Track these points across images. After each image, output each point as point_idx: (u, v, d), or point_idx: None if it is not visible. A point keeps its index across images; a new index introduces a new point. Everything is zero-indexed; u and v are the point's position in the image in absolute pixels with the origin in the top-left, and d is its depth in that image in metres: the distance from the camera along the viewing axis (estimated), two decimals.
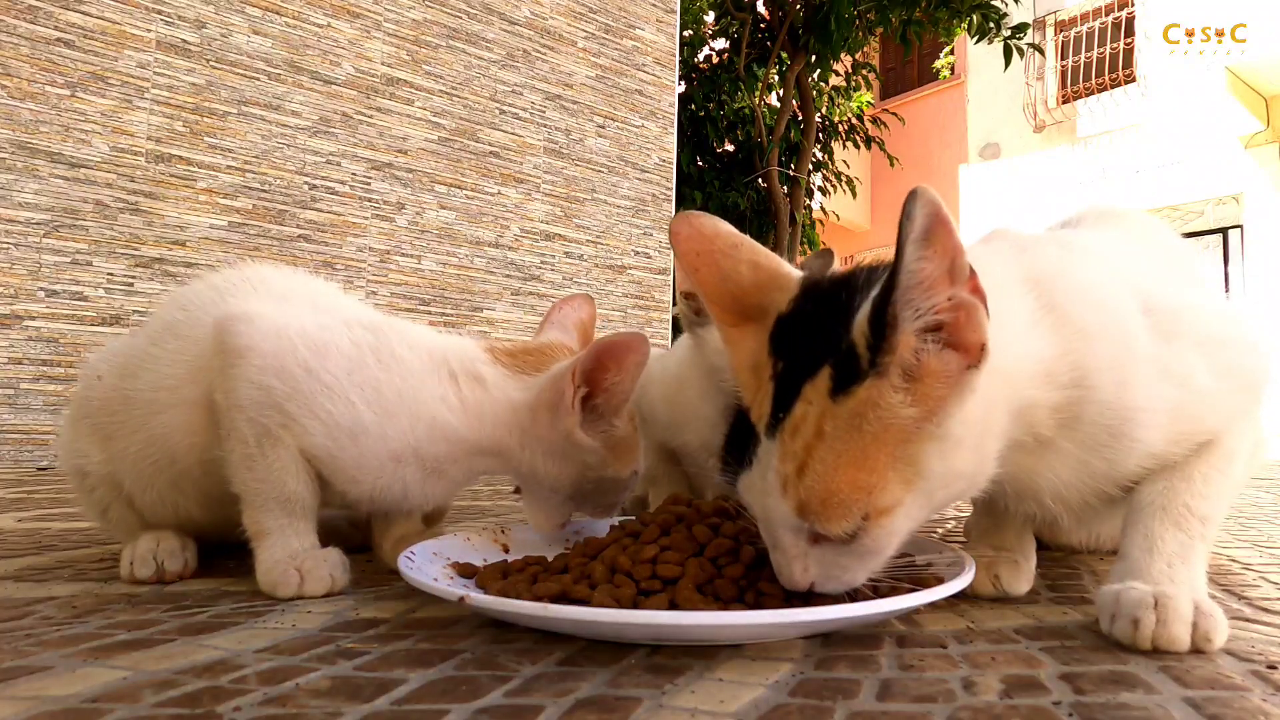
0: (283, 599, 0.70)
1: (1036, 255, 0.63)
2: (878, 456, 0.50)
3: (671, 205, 3.68)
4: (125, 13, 2.40)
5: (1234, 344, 0.64)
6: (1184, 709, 0.44)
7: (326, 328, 0.74)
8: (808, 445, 0.51)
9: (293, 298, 0.81)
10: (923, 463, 0.51)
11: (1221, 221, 6.54)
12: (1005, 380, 0.54)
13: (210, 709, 0.44)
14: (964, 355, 0.49)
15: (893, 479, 0.51)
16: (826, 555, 0.55)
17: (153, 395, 0.78)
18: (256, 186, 2.60)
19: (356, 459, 0.73)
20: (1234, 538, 1.05)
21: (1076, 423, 0.59)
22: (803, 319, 0.55)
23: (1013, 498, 0.64)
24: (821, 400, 0.51)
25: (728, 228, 0.61)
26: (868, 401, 0.50)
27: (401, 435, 0.73)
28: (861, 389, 0.50)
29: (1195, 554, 0.59)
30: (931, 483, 0.52)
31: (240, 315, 0.73)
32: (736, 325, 0.58)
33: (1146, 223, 0.85)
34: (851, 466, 0.50)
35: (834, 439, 0.50)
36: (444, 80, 3.02)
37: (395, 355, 0.75)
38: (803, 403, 0.52)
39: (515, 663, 0.52)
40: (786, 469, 0.52)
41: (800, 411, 0.51)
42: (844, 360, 0.50)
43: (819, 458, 0.51)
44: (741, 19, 5.50)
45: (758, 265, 0.59)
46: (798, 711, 0.44)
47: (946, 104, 8.68)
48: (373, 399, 0.72)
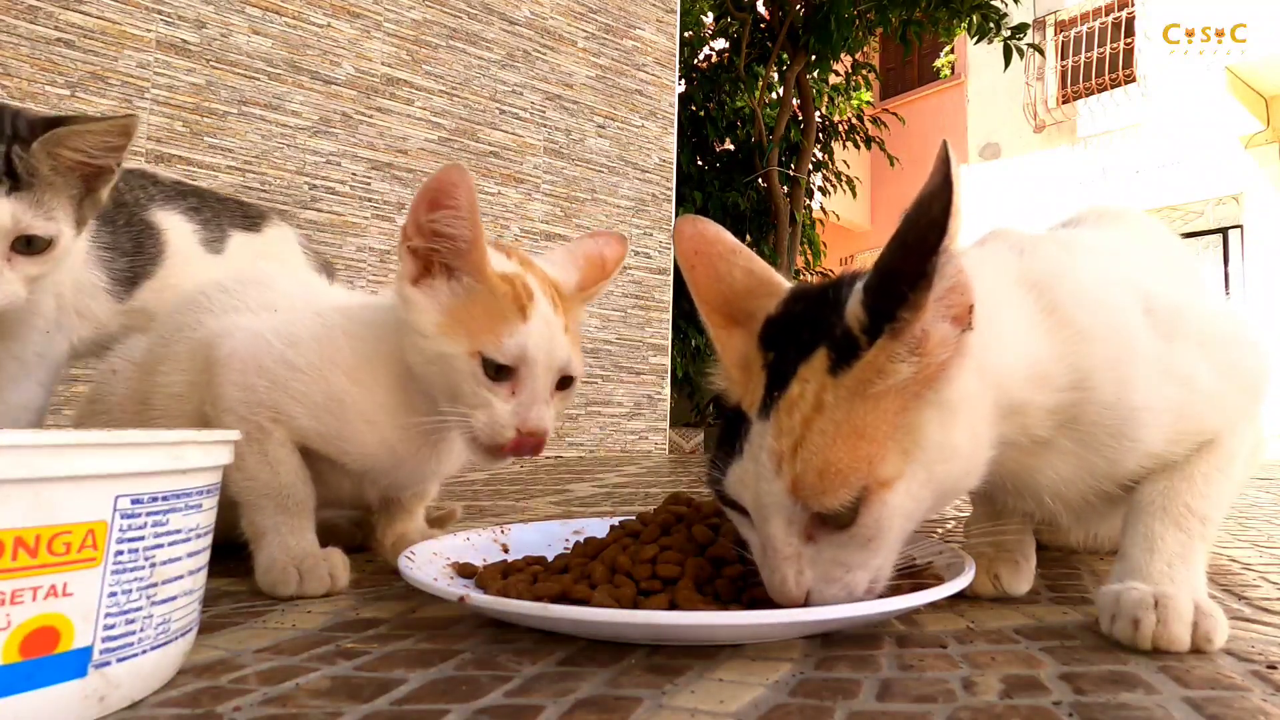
0: (282, 598, 0.70)
1: (1036, 256, 0.63)
2: (878, 425, 0.50)
3: (671, 205, 3.68)
4: (125, 13, 2.40)
5: (1235, 343, 0.64)
6: (1184, 709, 0.44)
7: (297, 320, 0.77)
8: (805, 419, 0.50)
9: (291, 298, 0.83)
10: (922, 431, 0.50)
11: (1221, 221, 6.54)
12: (994, 382, 0.54)
13: (210, 709, 0.44)
14: (957, 323, 0.51)
15: (892, 449, 0.50)
16: (824, 552, 0.52)
17: (166, 401, 0.80)
18: (256, 186, 2.60)
19: (339, 430, 0.74)
20: (1234, 538, 1.05)
21: (1076, 423, 0.59)
22: (793, 317, 0.56)
23: (1012, 494, 0.64)
24: (819, 377, 0.51)
25: (730, 236, 0.63)
26: (872, 366, 0.49)
27: (370, 398, 0.74)
28: (868, 354, 0.49)
29: (1195, 554, 0.59)
30: (930, 454, 0.51)
31: (221, 331, 0.77)
32: (725, 328, 0.59)
33: (1146, 222, 0.85)
34: (851, 435, 0.49)
35: (834, 409, 0.50)
36: (444, 80, 3.02)
37: (363, 323, 0.77)
38: (799, 381, 0.51)
39: (515, 663, 0.52)
40: (782, 445, 0.51)
41: (797, 389, 0.51)
42: (841, 342, 0.51)
43: (817, 429, 0.50)
44: (741, 19, 5.49)
45: (751, 272, 0.61)
46: (798, 711, 0.44)
47: (946, 104, 8.67)
48: (344, 372, 0.74)
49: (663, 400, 3.56)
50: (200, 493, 0.48)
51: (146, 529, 0.43)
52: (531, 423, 0.68)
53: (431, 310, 0.69)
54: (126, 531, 0.42)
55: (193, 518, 0.47)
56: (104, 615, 0.41)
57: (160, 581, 0.44)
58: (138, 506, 0.42)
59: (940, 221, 0.46)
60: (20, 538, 0.37)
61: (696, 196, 5.12)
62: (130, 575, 0.42)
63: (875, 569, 0.54)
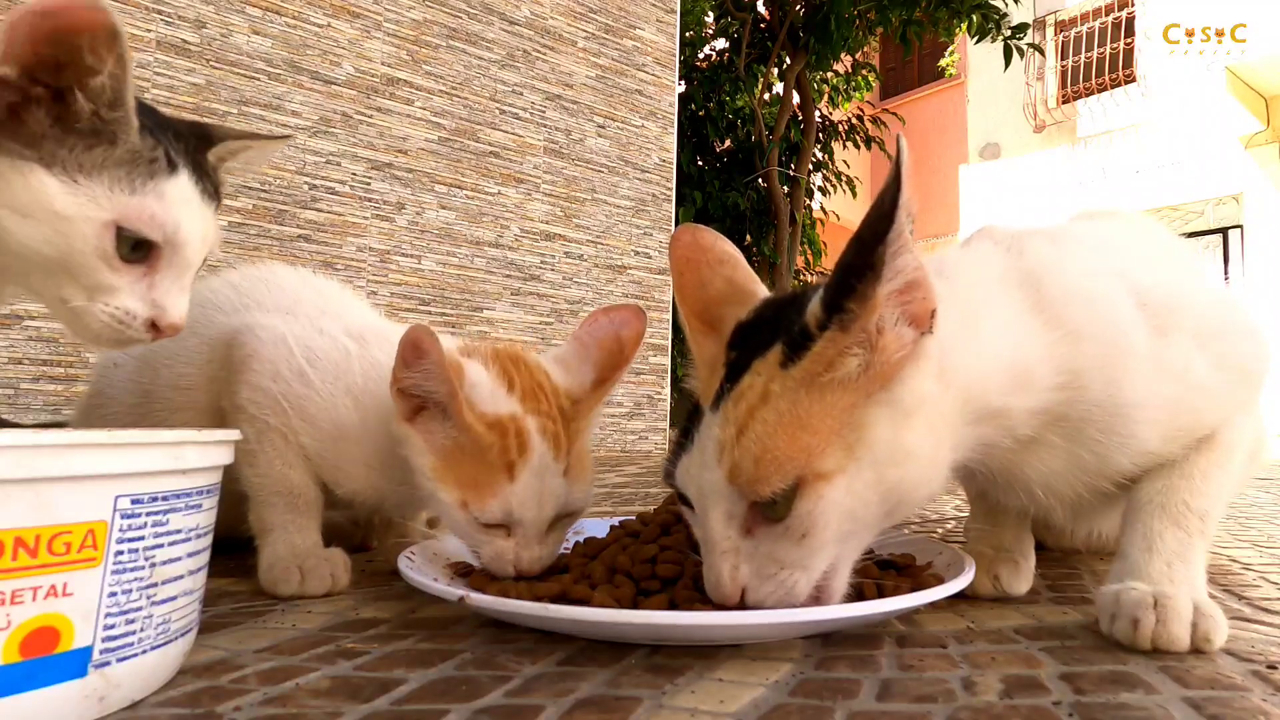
0: (283, 597, 0.70)
1: (1024, 253, 0.62)
2: (823, 418, 0.49)
3: (671, 205, 3.68)
4: (125, 13, 2.40)
5: (1232, 334, 0.64)
6: (1184, 709, 0.44)
7: (322, 333, 0.77)
8: (751, 408, 0.50)
9: (302, 300, 0.83)
10: (870, 429, 0.50)
11: (1221, 221, 6.54)
12: (962, 388, 0.53)
13: (210, 709, 0.44)
14: (916, 326, 0.50)
15: (836, 443, 0.49)
16: (761, 547, 0.52)
17: (170, 394, 0.80)
18: (256, 186, 2.60)
19: (336, 461, 0.75)
20: (1234, 538, 1.05)
21: (1065, 420, 0.59)
22: (761, 320, 0.57)
23: (1003, 489, 0.64)
24: (770, 370, 0.51)
25: (725, 246, 0.64)
26: (820, 358, 0.49)
27: (374, 441, 0.73)
28: (816, 345, 0.49)
29: (1194, 552, 0.59)
30: (877, 454, 0.50)
31: (245, 328, 0.77)
32: (703, 332, 0.61)
33: (1138, 217, 0.85)
34: (793, 425, 0.49)
35: (779, 399, 0.50)
36: (444, 80, 3.02)
37: (376, 364, 0.76)
38: (751, 374, 0.52)
39: (515, 663, 0.52)
40: (726, 434, 0.51)
41: (747, 381, 0.52)
42: (796, 338, 0.51)
43: (760, 418, 0.50)
44: (741, 19, 5.49)
45: (732, 281, 0.63)
46: (798, 711, 0.44)
47: (946, 104, 8.68)
48: (352, 406, 0.74)
49: (663, 400, 3.56)
50: (200, 493, 0.48)
51: (146, 529, 0.43)
52: (524, 564, 0.66)
53: (426, 453, 0.66)
54: (126, 531, 0.42)
55: (193, 518, 0.47)
56: (104, 615, 0.41)
57: (160, 581, 0.44)
58: (138, 506, 0.42)
59: (888, 213, 0.46)
60: (20, 538, 0.37)
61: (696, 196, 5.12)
62: (130, 575, 0.42)
63: (814, 569, 0.52)
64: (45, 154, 0.58)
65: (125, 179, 0.60)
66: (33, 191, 0.57)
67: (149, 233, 0.62)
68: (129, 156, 0.61)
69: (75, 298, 0.61)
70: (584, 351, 0.75)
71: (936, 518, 1.27)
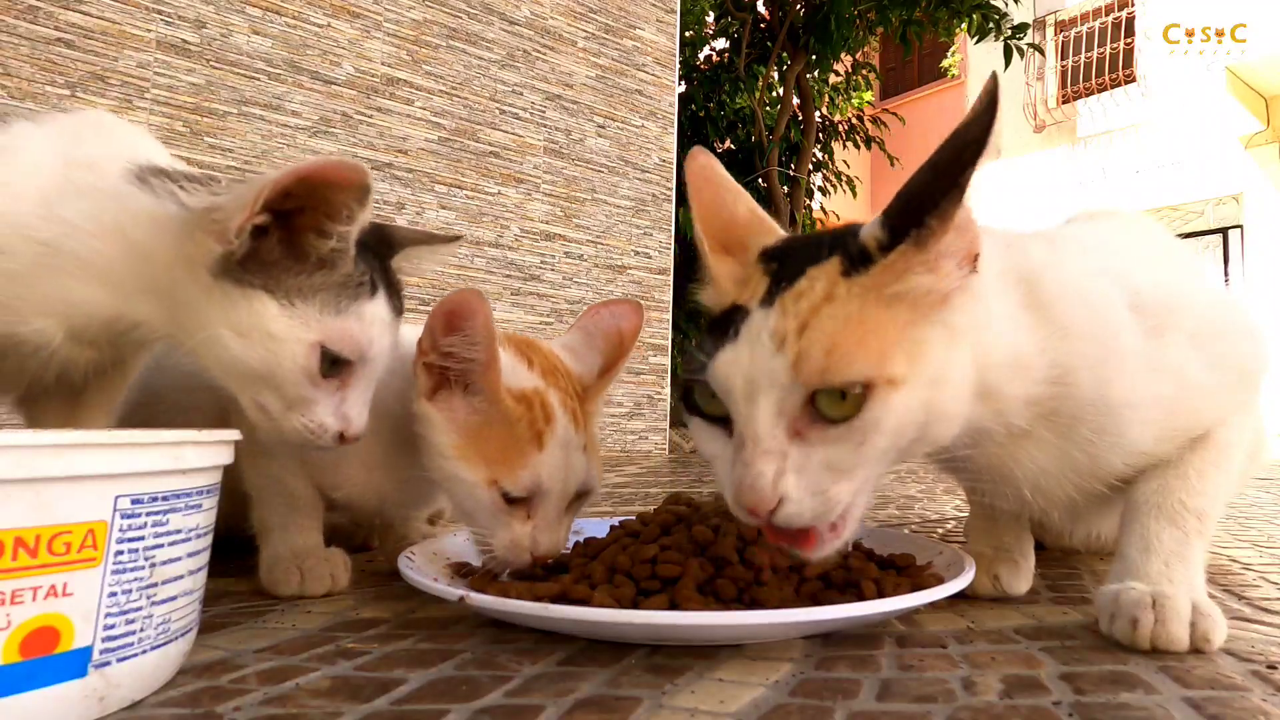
0: (283, 597, 0.70)
1: (1022, 252, 0.63)
2: (889, 328, 0.49)
3: (671, 205, 3.68)
4: (125, 13, 2.40)
5: (1229, 334, 0.64)
6: (1184, 709, 0.44)
7: None
8: (814, 305, 0.49)
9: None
10: (929, 346, 0.50)
11: (1221, 221, 6.54)
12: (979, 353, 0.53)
13: (210, 709, 0.44)
14: (962, 265, 0.51)
15: (899, 353, 0.49)
16: (812, 451, 0.49)
17: (178, 395, 0.80)
18: None
19: (334, 462, 0.74)
20: (1234, 538, 1.05)
21: (1056, 415, 0.59)
22: (793, 246, 0.57)
23: (993, 487, 0.64)
24: (831, 275, 0.50)
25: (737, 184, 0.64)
26: (891, 270, 0.49)
27: (376, 441, 0.72)
28: (890, 257, 0.49)
29: (1193, 552, 0.59)
30: (931, 372, 0.50)
31: None
32: (720, 253, 0.59)
33: (1137, 217, 0.85)
34: (861, 328, 0.49)
35: (845, 302, 0.49)
36: (444, 80, 3.02)
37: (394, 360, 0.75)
38: (808, 278, 0.51)
39: (515, 663, 0.52)
40: (786, 325, 0.49)
41: (806, 283, 0.51)
42: (856, 254, 0.51)
43: (826, 314, 0.49)
44: (741, 19, 5.49)
45: (754, 210, 0.62)
46: (798, 711, 0.44)
47: (946, 104, 8.67)
48: None
49: (663, 400, 3.56)
50: (200, 493, 0.48)
51: (146, 529, 0.43)
52: (544, 548, 0.66)
53: (448, 430, 0.66)
54: (126, 531, 0.42)
55: (193, 518, 0.47)
56: (104, 615, 0.41)
57: (160, 581, 0.44)
58: (138, 506, 0.42)
59: (980, 138, 0.46)
60: (20, 538, 0.37)
61: None
62: (130, 575, 0.42)
63: (859, 481, 0.51)
64: (271, 280, 0.60)
65: (334, 301, 0.62)
66: (255, 315, 0.60)
67: (348, 353, 0.63)
68: (342, 280, 0.63)
69: (273, 406, 0.63)
70: (590, 340, 0.77)
71: (937, 518, 1.27)
